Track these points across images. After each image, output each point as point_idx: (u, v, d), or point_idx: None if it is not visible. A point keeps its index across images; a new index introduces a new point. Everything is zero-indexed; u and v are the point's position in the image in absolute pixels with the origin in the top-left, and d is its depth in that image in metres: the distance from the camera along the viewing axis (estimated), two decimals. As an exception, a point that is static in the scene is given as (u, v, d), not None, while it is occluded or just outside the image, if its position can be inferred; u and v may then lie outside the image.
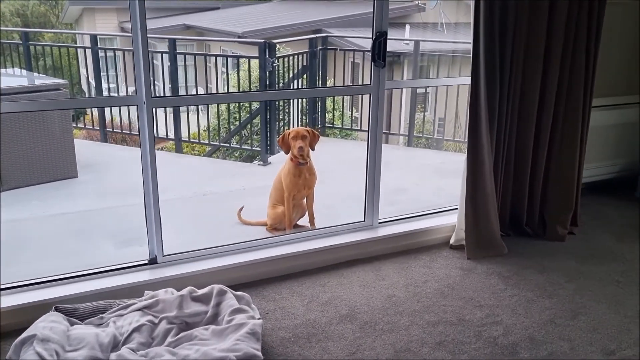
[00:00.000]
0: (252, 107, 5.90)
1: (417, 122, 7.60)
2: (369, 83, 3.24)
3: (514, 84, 3.37)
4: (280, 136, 3.56)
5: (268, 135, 5.42)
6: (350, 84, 7.02)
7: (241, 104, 5.78)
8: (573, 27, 3.36)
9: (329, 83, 6.61)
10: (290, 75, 5.86)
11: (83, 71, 7.02)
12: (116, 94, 6.13)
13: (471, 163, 3.34)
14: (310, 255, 3.24)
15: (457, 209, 3.57)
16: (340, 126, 6.73)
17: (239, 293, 2.76)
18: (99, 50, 5.78)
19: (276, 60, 5.24)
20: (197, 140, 5.95)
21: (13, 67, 6.35)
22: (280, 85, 5.67)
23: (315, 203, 3.77)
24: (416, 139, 6.68)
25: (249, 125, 5.99)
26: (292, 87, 5.97)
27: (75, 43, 6.22)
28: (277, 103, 5.52)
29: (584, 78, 3.50)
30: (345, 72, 6.43)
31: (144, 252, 3.00)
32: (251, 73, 5.70)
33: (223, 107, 6.35)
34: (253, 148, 5.52)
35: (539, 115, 3.50)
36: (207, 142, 5.90)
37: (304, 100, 6.13)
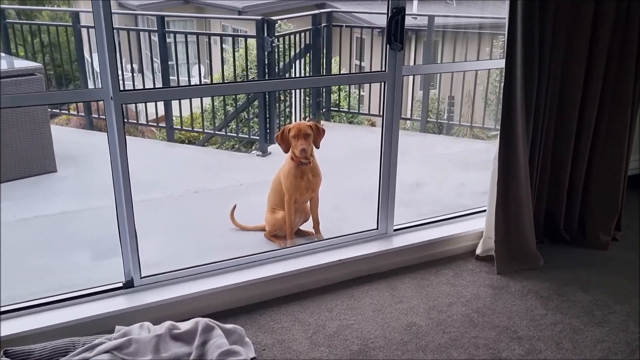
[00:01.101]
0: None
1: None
2: (383, 69, 2.72)
3: (554, 68, 2.84)
4: (279, 132, 3.06)
5: (267, 121, 4.91)
6: (357, 63, 6.44)
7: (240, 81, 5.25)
8: (626, 1, 2.83)
9: (334, 62, 6.07)
10: (292, 54, 5.32)
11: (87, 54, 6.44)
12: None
13: (503, 162, 2.84)
14: (314, 272, 2.77)
15: (484, 211, 3.09)
16: (347, 109, 6.19)
17: (229, 326, 2.30)
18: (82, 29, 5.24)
19: (276, 40, 4.70)
20: (191, 129, 5.43)
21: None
22: (281, 66, 5.13)
23: (321, 204, 3.28)
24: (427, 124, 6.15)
25: (245, 110, 5.47)
26: (293, 69, 5.44)
27: (75, 19, 5.64)
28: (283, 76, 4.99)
29: (636, 61, 2.96)
30: (351, 49, 5.86)
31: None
32: (249, 53, 5.18)
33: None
34: (251, 136, 5.02)
35: (582, 105, 2.99)
36: (202, 129, 5.39)
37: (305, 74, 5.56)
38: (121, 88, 2.26)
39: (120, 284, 2.50)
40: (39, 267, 2.97)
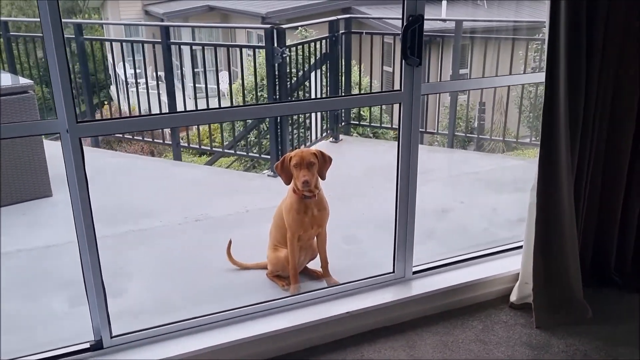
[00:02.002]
0: (263, 99, 5.00)
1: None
2: (398, 88, 2.30)
3: (605, 80, 2.38)
4: (279, 161, 2.65)
5: (279, 138, 4.52)
6: (388, 69, 5.94)
7: (256, 93, 4.86)
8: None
9: (355, 71, 5.65)
10: (301, 66, 4.91)
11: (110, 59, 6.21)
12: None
13: (543, 192, 2.38)
14: (318, 326, 2.36)
15: (519, 247, 2.64)
16: (368, 123, 5.77)
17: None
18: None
19: (286, 50, 4.31)
20: (198, 146, 5.08)
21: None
22: (294, 79, 4.74)
23: (333, 235, 2.87)
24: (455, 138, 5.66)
25: (256, 128, 5.10)
26: (309, 81, 5.05)
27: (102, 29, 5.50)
28: (290, 99, 4.61)
29: None
30: (372, 56, 5.43)
31: (119, 302, 2.41)
32: (258, 67, 4.81)
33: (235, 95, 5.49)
34: (261, 155, 4.64)
35: (639, 123, 2.51)
36: (210, 146, 5.04)
37: (324, 89, 5.16)
38: (86, 118, 1.89)
39: (87, 345, 2.13)
40: (7, 314, 2.62)
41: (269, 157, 4.68)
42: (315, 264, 2.93)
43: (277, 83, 4.32)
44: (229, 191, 4.27)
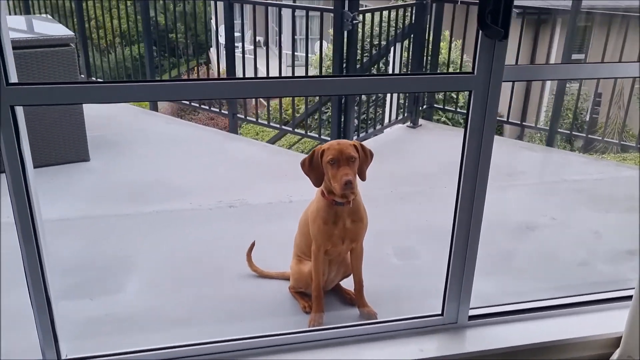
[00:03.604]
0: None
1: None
2: (469, 71, 1.62)
3: None
4: (306, 157, 2.05)
5: (342, 119, 3.91)
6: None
7: (320, 67, 4.27)
8: None
9: (444, 47, 4.89)
10: (377, 37, 4.23)
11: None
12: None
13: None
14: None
15: (627, 298, 1.91)
16: (454, 108, 4.99)
17: None
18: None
19: (358, 16, 3.65)
20: (254, 119, 4.56)
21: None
22: (366, 53, 4.07)
23: (384, 242, 2.30)
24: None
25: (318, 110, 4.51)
26: (390, 55, 4.37)
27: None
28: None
29: None
30: (466, 30, 4.63)
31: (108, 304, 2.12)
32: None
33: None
34: (321, 137, 4.05)
35: None
36: (267, 122, 4.50)
37: (401, 64, 4.44)
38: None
39: (32, 365, 1.69)
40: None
41: (329, 140, 4.10)
42: (349, 283, 2.34)
43: (345, 56, 3.68)
44: (277, 175, 3.74)
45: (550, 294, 2.17)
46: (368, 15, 4.06)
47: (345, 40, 3.66)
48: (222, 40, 4.78)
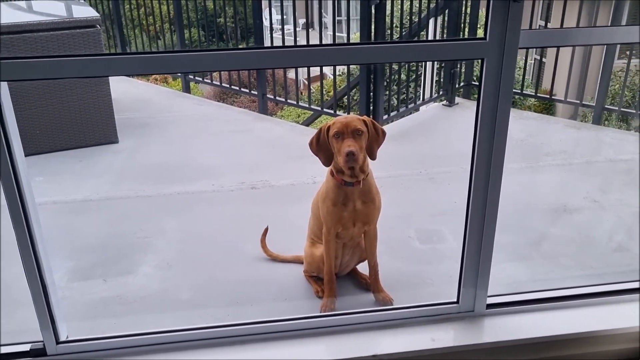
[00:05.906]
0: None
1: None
2: (481, 36, 1.47)
3: None
4: (314, 135, 1.95)
5: (371, 99, 3.77)
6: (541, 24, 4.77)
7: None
8: None
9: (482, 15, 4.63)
10: (407, 14, 4.04)
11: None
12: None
13: None
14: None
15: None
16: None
17: None
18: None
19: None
20: (284, 99, 4.47)
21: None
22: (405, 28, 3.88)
23: (409, 224, 2.18)
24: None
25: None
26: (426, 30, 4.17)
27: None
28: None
29: None
30: (533, 5, 4.29)
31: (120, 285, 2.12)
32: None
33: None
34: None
35: None
36: (296, 102, 4.40)
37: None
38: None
39: (29, 347, 1.67)
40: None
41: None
42: (365, 267, 2.23)
43: (373, 31, 3.53)
44: (303, 156, 3.64)
45: (583, 281, 2.01)
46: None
47: (372, 15, 3.50)
48: (266, 23, 4.67)
